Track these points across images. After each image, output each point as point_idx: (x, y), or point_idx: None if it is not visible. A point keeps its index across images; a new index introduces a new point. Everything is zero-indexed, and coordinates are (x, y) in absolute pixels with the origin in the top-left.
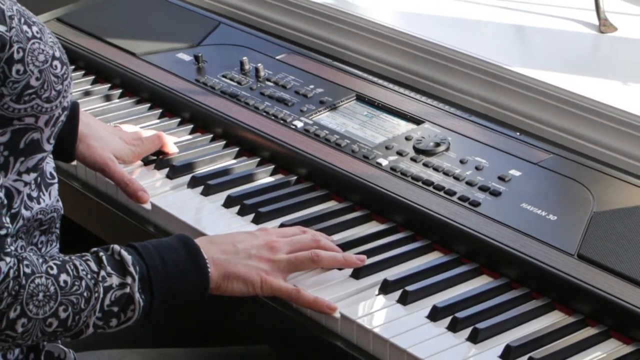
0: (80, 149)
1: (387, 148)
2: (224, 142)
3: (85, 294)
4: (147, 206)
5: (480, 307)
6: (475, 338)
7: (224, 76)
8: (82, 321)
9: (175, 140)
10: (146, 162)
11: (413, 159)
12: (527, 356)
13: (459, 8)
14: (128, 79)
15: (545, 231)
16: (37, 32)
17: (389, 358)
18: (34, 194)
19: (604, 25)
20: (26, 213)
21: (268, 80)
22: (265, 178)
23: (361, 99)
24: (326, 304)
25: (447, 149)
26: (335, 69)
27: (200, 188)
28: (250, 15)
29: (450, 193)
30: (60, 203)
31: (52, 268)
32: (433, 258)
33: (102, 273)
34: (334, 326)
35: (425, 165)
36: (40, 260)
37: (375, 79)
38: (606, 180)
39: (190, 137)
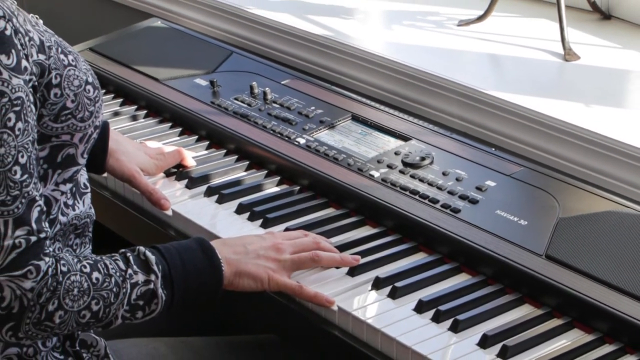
0: (110, 163)
1: (378, 162)
2: (236, 156)
3: (114, 289)
4: (169, 212)
5: (460, 301)
6: (456, 328)
7: (235, 99)
8: (111, 313)
9: (193, 155)
10: (168, 174)
11: (401, 172)
12: (501, 344)
13: (441, 39)
14: (152, 101)
15: (517, 235)
16: (72, 60)
17: (380, 346)
18: (70, 202)
19: (568, 54)
20: (63, 219)
21: (274, 102)
22: (272, 188)
23: (356, 118)
24: (325, 298)
25: (431, 163)
26: (333, 92)
27: (215, 197)
28: (259, 45)
29: (434, 201)
30: (92, 210)
31: (85, 267)
32: (419, 258)
33: (129, 271)
34: (332, 317)
35: (412, 177)
36: (75, 260)
37: (368, 101)
38: (570, 190)
39: (206, 152)
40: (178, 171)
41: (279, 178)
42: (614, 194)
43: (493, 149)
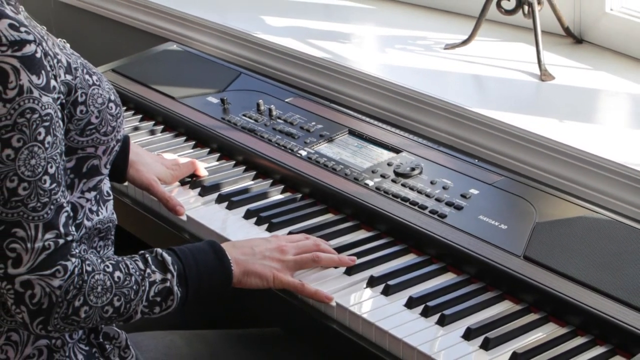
0: (131, 173)
1: (372, 172)
2: (244, 167)
3: (134, 287)
4: (183, 218)
5: (446, 297)
6: (442, 322)
7: (244, 115)
8: (131, 309)
9: (205, 165)
10: (182, 182)
11: (393, 181)
12: (483, 336)
13: (430, 61)
14: (168, 118)
15: (497, 237)
16: (96, 80)
17: (375, 338)
18: (94, 208)
19: (544, 75)
20: (87, 223)
21: (279, 118)
22: (276, 195)
23: (352, 133)
24: (325, 295)
25: (420, 173)
26: (332, 109)
27: (226, 203)
28: (265, 67)
29: (423, 207)
30: (114, 215)
31: (108, 267)
32: (409, 259)
33: (148, 271)
34: (331, 312)
35: (403, 185)
36: (99, 261)
37: (363, 117)
38: (546, 197)
39: (217, 163)
40: (192, 180)
41: (283, 186)
42: (585, 200)
43: (476, 160)
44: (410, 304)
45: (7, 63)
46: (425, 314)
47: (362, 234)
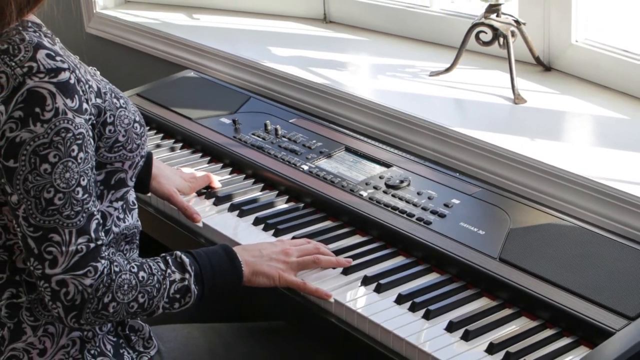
0: (153, 185)
1: (366, 184)
2: (253, 180)
3: (156, 285)
4: (200, 224)
5: (431, 294)
6: (428, 316)
7: (253, 134)
8: (154, 304)
9: (219, 178)
10: (199, 193)
11: (384, 192)
12: (464, 329)
13: (416, 87)
14: (186, 136)
15: (476, 242)
16: (123, 103)
17: (368, 330)
18: (121, 216)
19: (517, 99)
20: (115, 229)
21: (284, 137)
22: (281, 205)
23: (349, 150)
24: (324, 292)
25: (408, 185)
26: (330, 129)
27: (237, 212)
28: (271, 91)
29: (411, 215)
30: (139, 222)
31: (133, 267)
32: (398, 260)
33: (168, 271)
34: (330, 308)
35: (393, 196)
36: (125, 262)
37: (358, 136)
38: (519, 207)
39: (229, 176)
40: (207, 191)
41: (287, 197)
42: (553, 209)
43: (457, 174)
44: (400, 300)
45: (44, 88)
46: (413, 309)
47: (357, 239)
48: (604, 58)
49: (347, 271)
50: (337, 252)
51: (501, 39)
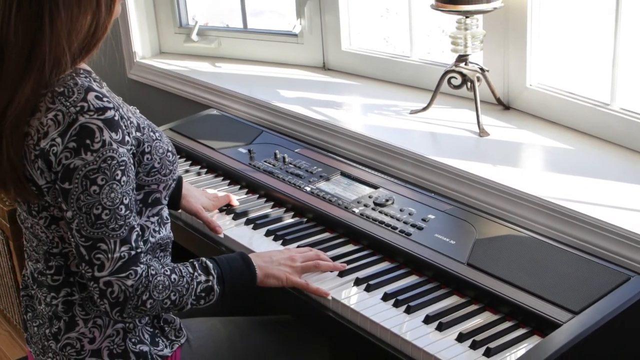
0: (183, 203)
1: (358, 202)
2: (265, 199)
3: (186, 286)
4: (221, 235)
5: (411, 293)
6: (408, 311)
7: (265, 161)
8: (183, 301)
9: (237, 197)
10: (220, 210)
11: (373, 209)
12: (438, 321)
13: (399, 122)
14: (210, 163)
15: (448, 250)
16: (158, 136)
17: (359, 322)
18: (156, 228)
19: (482, 132)
20: (152, 240)
21: (290, 163)
22: (288, 219)
23: (343, 174)
24: (323, 291)
25: (393, 203)
26: (328, 157)
27: (252, 225)
28: (280, 126)
29: (394, 228)
30: (171, 234)
31: (167, 271)
32: (384, 265)
33: (195, 274)
34: (328, 304)
35: (380, 212)
36: (160, 266)
37: (351, 163)
38: (483, 221)
39: (245, 196)
40: (227, 208)
41: (293, 213)
42: (511, 223)
43: (433, 194)
44: (385, 297)
45: (94, 124)
46: (396, 305)
47: (350, 247)
48: (553, 99)
49: (342, 274)
50: (334, 258)
51: (469, 83)
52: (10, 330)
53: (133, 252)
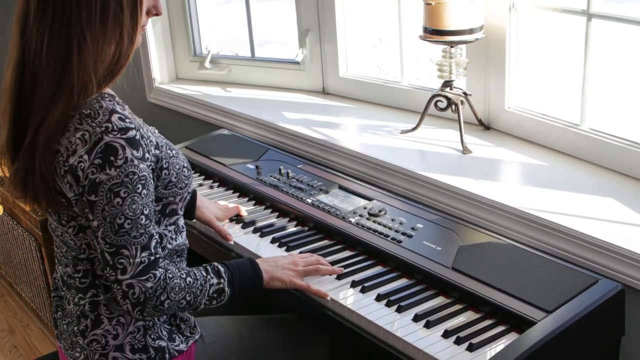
0: (197, 213)
1: (354, 213)
2: (271, 210)
3: (199, 288)
4: (231, 243)
5: (402, 294)
6: (399, 310)
7: (270, 176)
8: (197, 302)
9: (245, 209)
10: (231, 220)
11: (367, 219)
12: (425, 319)
13: (391, 141)
14: (222, 178)
15: (435, 255)
16: (175, 153)
17: (355, 320)
18: (173, 236)
19: (465, 150)
20: (169, 246)
21: (293, 178)
22: (291, 228)
23: (341, 187)
24: (323, 292)
25: (385, 213)
26: (328, 172)
27: (259, 233)
28: (284, 145)
29: (386, 235)
30: (187, 241)
31: (182, 274)
32: (377, 269)
33: (208, 277)
34: (327, 304)
35: (374, 222)
36: (177, 270)
37: (348, 177)
38: (466, 229)
39: (253, 207)
40: (237, 218)
41: (295, 222)
42: (491, 231)
43: (421, 206)
44: (379, 298)
45: (117, 142)
46: (388, 305)
47: (347, 253)
48: (528, 120)
49: (340, 277)
50: (333, 263)
51: (453, 106)
52: (43, 327)
53: (152, 258)
